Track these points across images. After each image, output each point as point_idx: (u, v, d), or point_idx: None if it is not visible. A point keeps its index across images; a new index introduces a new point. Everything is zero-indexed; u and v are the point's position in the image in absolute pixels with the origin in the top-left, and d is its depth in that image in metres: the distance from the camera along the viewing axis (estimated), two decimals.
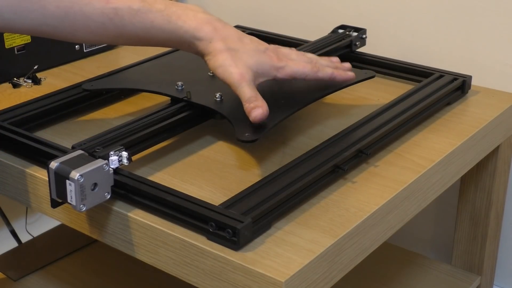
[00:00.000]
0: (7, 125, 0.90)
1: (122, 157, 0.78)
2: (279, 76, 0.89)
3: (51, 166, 0.74)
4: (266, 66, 0.88)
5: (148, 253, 0.77)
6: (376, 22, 1.27)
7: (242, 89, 0.85)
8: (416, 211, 0.87)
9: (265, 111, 0.84)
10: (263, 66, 0.87)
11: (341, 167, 0.82)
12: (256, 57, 0.87)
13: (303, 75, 0.91)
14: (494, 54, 1.16)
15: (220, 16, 0.90)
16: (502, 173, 1.12)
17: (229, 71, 0.85)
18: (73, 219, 0.83)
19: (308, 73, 0.91)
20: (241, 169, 0.86)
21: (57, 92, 1.01)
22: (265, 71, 0.88)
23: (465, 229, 1.17)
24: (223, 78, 0.86)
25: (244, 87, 0.85)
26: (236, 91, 0.85)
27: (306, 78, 0.91)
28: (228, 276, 0.70)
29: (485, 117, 1.00)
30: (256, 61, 0.87)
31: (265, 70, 0.88)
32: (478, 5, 1.16)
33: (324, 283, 0.73)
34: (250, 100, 0.84)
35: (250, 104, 0.84)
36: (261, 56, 0.88)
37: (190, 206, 0.73)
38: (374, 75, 0.99)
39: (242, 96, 0.85)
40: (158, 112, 0.91)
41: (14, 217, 1.51)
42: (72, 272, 1.26)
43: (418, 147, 0.91)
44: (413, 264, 1.21)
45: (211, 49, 0.86)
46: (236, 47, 0.86)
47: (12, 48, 1.11)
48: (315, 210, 0.78)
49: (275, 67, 0.88)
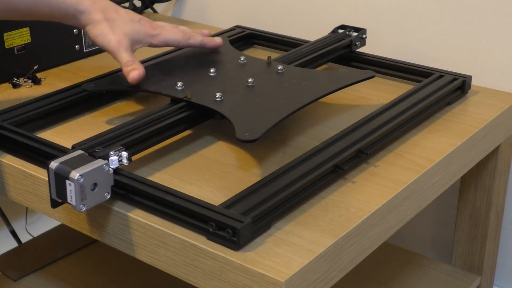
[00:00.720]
0: (7, 125, 0.90)
1: (122, 157, 0.78)
2: (153, 42, 0.99)
3: (51, 166, 0.74)
4: (141, 33, 0.97)
5: (148, 253, 0.77)
6: (376, 22, 1.27)
7: (120, 55, 0.94)
8: (416, 211, 0.87)
9: (142, 72, 0.94)
10: (139, 33, 0.97)
11: (341, 167, 0.82)
12: (132, 26, 0.96)
13: (175, 42, 1.01)
14: (494, 54, 1.16)
15: (220, 16, 0.91)
16: (502, 173, 1.12)
17: (108, 39, 0.94)
18: (73, 219, 0.83)
19: (180, 40, 1.01)
20: (241, 169, 0.86)
21: (57, 92, 1.01)
22: (140, 38, 0.97)
23: (465, 229, 1.17)
24: (103, 45, 0.95)
25: (122, 53, 0.94)
26: (115, 57, 0.95)
27: (178, 44, 1.02)
28: (228, 276, 0.70)
29: (485, 117, 1.00)
30: (132, 29, 0.96)
31: (141, 37, 0.97)
32: (478, 5, 1.16)
33: (324, 283, 0.73)
34: (127, 64, 0.94)
35: (128, 67, 0.94)
36: (136, 25, 0.97)
37: (190, 206, 0.73)
38: (374, 75, 0.99)
39: (120, 61, 0.95)
40: (158, 112, 0.91)
41: (14, 217, 1.52)
42: (72, 272, 1.26)
43: (418, 147, 0.91)
44: (413, 264, 1.21)
45: (90, 20, 0.95)
46: (113, 17, 0.95)
47: (12, 48, 1.11)
48: (315, 210, 0.78)
49: (150, 35, 0.98)
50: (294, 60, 1.08)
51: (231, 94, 0.93)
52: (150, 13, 1.50)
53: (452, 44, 1.20)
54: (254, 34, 1.27)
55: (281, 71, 1.00)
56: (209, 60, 1.06)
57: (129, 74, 0.94)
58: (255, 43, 1.27)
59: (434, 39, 1.22)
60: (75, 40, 1.20)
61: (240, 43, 1.24)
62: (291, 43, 1.21)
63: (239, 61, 1.04)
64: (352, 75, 1.00)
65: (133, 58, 0.95)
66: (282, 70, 1.00)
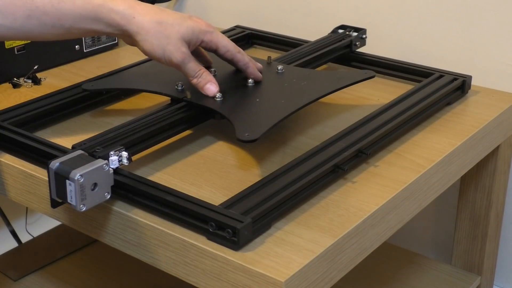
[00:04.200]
0: (7, 125, 0.90)
1: (122, 157, 0.78)
2: (205, 40, 0.89)
3: (51, 166, 0.74)
4: (196, 30, 0.88)
5: (148, 253, 0.77)
6: (376, 22, 1.27)
7: (186, 66, 0.87)
8: (416, 211, 0.87)
9: (215, 83, 0.89)
10: (193, 30, 0.87)
11: (341, 167, 0.82)
12: (186, 23, 0.87)
13: (225, 48, 0.92)
14: (494, 54, 1.16)
15: (220, 16, 0.91)
16: (502, 173, 1.12)
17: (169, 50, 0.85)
18: (73, 219, 0.83)
19: (230, 48, 0.92)
20: (241, 169, 0.86)
21: (57, 92, 1.01)
22: (194, 36, 0.88)
23: (465, 229, 1.17)
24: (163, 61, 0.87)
25: (187, 64, 0.87)
26: (180, 70, 0.88)
27: (226, 54, 0.92)
28: (228, 276, 0.70)
29: (485, 117, 1.00)
30: (187, 28, 0.87)
31: (195, 36, 0.88)
32: (478, 5, 1.16)
33: (324, 283, 0.73)
34: (198, 75, 0.88)
35: (199, 79, 0.89)
36: (189, 22, 0.88)
37: (190, 206, 0.73)
38: (374, 75, 0.99)
39: (188, 73, 0.88)
40: (158, 112, 0.91)
41: (14, 217, 1.52)
42: (72, 272, 1.26)
43: (418, 147, 0.91)
44: (413, 264, 1.21)
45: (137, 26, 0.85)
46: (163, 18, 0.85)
47: (12, 48, 1.11)
48: (315, 210, 0.78)
49: (203, 31, 0.89)
50: (294, 60, 1.08)
51: (231, 94, 0.93)
52: None
53: (452, 44, 1.20)
54: (254, 34, 1.27)
55: (281, 71, 1.00)
56: None
57: (204, 88, 0.90)
58: (255, 43, 1.27)
59: (434, 39, 1.22)
60: (75, 40, 1.20)
61: (240, 43, 1.24)
62: (291, 43, 1.21)
63: None
64: (352, 75, 1.00)
65: (200, 66, 0.89)
66: (282, 70, 1.00)
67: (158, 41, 0.85)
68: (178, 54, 0.86)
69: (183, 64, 0.87)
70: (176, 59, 0.86)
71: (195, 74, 0.89)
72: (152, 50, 0.86)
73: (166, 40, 0.85)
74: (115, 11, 0.84)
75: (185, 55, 0.87)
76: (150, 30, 0.85)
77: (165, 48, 0.85)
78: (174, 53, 0.86)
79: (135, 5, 0.85)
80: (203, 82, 0.89)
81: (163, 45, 0.85)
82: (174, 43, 0.85)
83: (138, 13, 0.84)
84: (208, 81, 0.90)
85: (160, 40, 0.85)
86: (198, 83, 0.90)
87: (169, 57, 0.86)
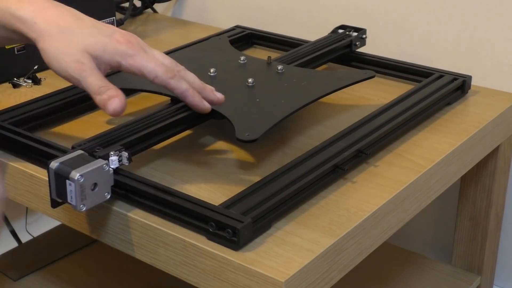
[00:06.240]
0: (7, 125, 0.90)
1: (122, 157, 0.78)
2: (123, 64, 0.75)
3: (51, 166, 0.74)
4: (110, 49, 0.74)
5: (148, 253, 0.77)
6: (376, 22, 1.27)
7: (86, 80, 0.72)
8: (416, 211, 0.87)
9: (122, 99, 0.73)
10: (105, 48, 0.73)
11: (341, 167, 0.82)
12: (97, 38, 0.73)
13: (152, 74, 0.77)
14: (494, 54, 1.16)
15: (220, 16, 0.90)
16: (502, 173, 1.12)
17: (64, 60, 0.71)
18: (73, 219, 0.83)
19: (159, 74, 0.77)
20: (241, 169, 0.86)
21: (57, 92, 1.01)
22: (106, 55, 0.74)
23: (465, 229, 1.17)
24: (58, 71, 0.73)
25: (87, 77, 0.72)
26: (80, 85, 0.73)
27: (155, 80, 0.78)
28: (228, 276, 0.70)
29: (485, 117, 1.00)
30: (96, 42, 0.73)
31: (108, 55, 0.74)
32: (478, 5, 1.16)
33: (324, 283, 0.73)
34: (100, 91, 0.72)
35: (102, 96, 0.73)
36: (102, 37, 0.74)
37: (190, 206, 0.74)
38: (374, 75, 0.99)
39: (89, 89, 0.72)
40: (158, 112, 0.91)
41: (14, 217, 1.52)
42: (72, 272, 1.26)
43: (418, 147, 0.91)
44: (413, 264, 1.21)
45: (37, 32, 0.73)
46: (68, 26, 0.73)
47: (12, 48, 1.11)
48: (315, 210, 0.78)
49: (120, 52, 0.75)
50: (294, 60, 1.08)
51: (231, 94, 0.93)
52: (150, 13, 1.50)
53: (452, 44, 1.20)
54: (254, 34, 1.27)
55: (281, 71, 1.00)
56: (209, 60, 1.06)
57: (106, 105, 0.73)
58: (255, 43, 1.27)
59: (434, 39, 1.22)
60: None
61: (240, 43, 1.24)
62: (291, 43, 1.21)
63: (239, 61, 1.04)
64: (352, 75, 1.00)
65: (105, 81, 0.73)
66: (282, 70, 1.00)
67: (55, 50, 0.73)
68: (74, 64, 0.72)
69: (82, 77, 0.72)
70: (73, 71, 0.72)
71: (97, 90, 0.73)
72: (49, 61, 0.74)
73: (64, 50, 0.72)
74: (16, 17, 0.74)
75: (85, 67, 0.72)
76: (50, 38, 0.73)
77: (62, 59, 0.72)
78: (71, 64, 0.72)
79: (43, 8, 0.74)
80: (105, 98, 0.73)
81: (59, 56, 0.72)
82: (72, 54, 0.72)
83: (41, 19, 0.73)
84: (112, 97, 0.73)
85: (58, 49, 0.73)
86: (101, 101, 0.73)
87: (65, 69, 0.72)
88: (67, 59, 0.72)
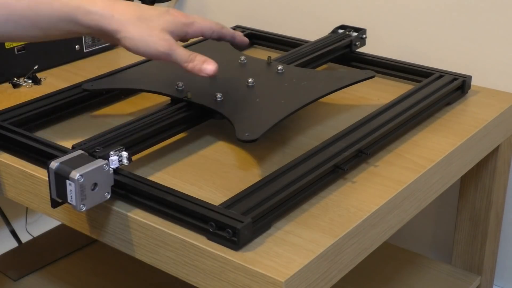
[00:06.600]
0: (7, 125, 0.90)
1: (122, 157, 0.78)
2: (189, 32, 0.88)
3: (51, 166, 0.74)
4: (178, 24, 0.86)
5: (148, 253, 0.77)
6: (376, 22, 1.27)
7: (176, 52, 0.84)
8: (416, 211, 0.87)
9: (213, 61, 0.85)
10: (175, 24, 0.86)
11: (341, 167, 0.82)
12: (165, 18, 0.85)
13: (210, 31, 0.91)
14: (494, 54, 1.16)
15: (220, 16, 0.90)
16: (502, 173, 1.12)
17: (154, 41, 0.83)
18: (73, 219, 0.83)
19: (214, 28, 0.91)
20: (241, 169, 0.86)
21: (57, 92, 1.01)
22: (178, 29, 0.86)
23: (465, 229, 1.17)
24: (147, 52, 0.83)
25: (176, 50, 0.84)
26: (170, 58, 0.84)
27: (212, 35, 0.92)
28: (228, 276, 0.70)
29: (485, 117, 1.00)
30: (167, 21, 0.85)
31: (178, 28, 0.86)
32: (478, 5, 1.16)
33: (324, 283, 0.73)
34: (191, 59, 0.85)
35: (194, 62, 0.85)
36: (168, 16, 0.86)
37: (190, 206, 0.74)
38: (374, 75, 0.99)
39: (180, 59, 0.84)
40: (158, 112, 0.91)
41: (14, 217, 1.52)
42: (72, 272, 1.26)
43: (418, 147, 0.91)
44: (413, 264, 1.21)
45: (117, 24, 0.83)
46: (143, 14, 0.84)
47: (12, 48, 1.11)
48: (315, 210, 0.78)
49: (185, 24, 0.87)
50: (294, 60, 1.08)
51: (231, 94, 0.93)
52: None
53: (452, 44, 1.20)
54: (254, 34, 1.27)
55: (281, 71, 1.00)
56: None
57: (201, 69, 0.85)
58: (255, 43, 1.27)
59: (434, 39, 1.22)
60: (75, 40, 1.20)
61: None
62: (291, 43, 1.21)
63: (239, 61, 1.04)
64: (352, 75, 1.00)
65: (190, 51, 0.86)
66: (282, 70, 1.00)
67: (139, 35, 0.83)
68: (162, 42, 0.83)
69: (171, 51, 0.84)
70: (163, 47, 0.83)
71: (187, 59, 0.85)
72: (135, 46, 0.84)
73: (148, 33, 0.83)
74: (93, 12, 0.82)
75: (171, 42, 0.84)
76: (131, 26, 0.83)
77: (148, 40, 0.83)
78: (158, 42, 0.83)
79: (112, 3, 0.84)
80: (199, 64, 0.85)
81: (145, 38, 0.83)
82: (156, 34, 0.83)
83: (116, 12, 0.83)
84: (204, 61, 0.86)
85: (141, 34, 0.83)
86: (194, 67, 0.85)
87: (154, 48, 0.83)
88: (154, 39, 0.83)
